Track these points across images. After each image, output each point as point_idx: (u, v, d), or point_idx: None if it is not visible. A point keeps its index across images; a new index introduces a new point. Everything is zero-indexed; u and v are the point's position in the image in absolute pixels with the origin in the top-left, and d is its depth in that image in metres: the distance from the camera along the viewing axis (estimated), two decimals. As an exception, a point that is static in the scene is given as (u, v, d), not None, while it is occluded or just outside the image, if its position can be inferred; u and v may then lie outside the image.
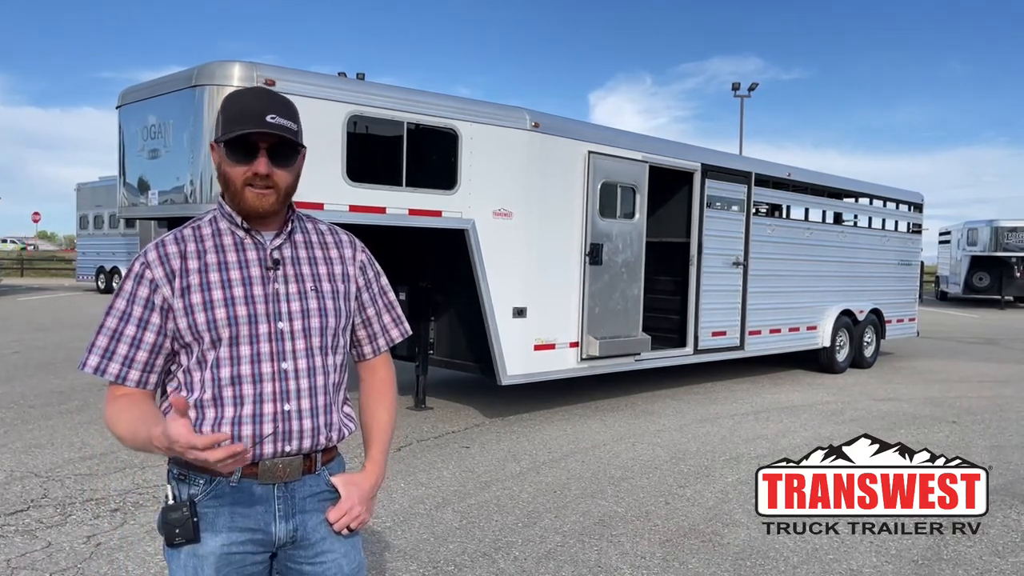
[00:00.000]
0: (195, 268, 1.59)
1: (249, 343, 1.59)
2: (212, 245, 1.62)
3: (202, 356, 1.58)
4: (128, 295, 1.58)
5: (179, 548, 1.58)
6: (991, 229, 23.59)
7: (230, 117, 1.57)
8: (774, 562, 3.81)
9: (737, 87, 27.93)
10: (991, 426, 6.97)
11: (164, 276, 1.58)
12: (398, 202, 5.78)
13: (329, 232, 1.78)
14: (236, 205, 1.61)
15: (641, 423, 6.80)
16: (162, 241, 1.62)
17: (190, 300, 1.57)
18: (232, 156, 1.57)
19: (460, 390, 7.93)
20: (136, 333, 1.57)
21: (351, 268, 1.75)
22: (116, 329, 1.58)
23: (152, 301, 1.57)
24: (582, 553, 3.87)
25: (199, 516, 1.58)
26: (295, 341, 1.63)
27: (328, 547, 1.68)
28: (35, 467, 5.03)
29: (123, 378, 1.58)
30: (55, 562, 3.58)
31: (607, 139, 7.18)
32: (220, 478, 1.58)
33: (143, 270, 1.58)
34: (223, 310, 1.57)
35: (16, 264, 35.32)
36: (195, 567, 1.57)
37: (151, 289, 1.57)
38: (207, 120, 5.22)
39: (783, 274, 9.17)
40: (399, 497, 4.62)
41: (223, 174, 1.60)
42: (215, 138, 1.60)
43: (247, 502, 1.60)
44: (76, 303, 18.67)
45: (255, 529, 1.61)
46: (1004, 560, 3.91)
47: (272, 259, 1.64)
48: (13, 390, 7.51)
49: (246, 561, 1.61)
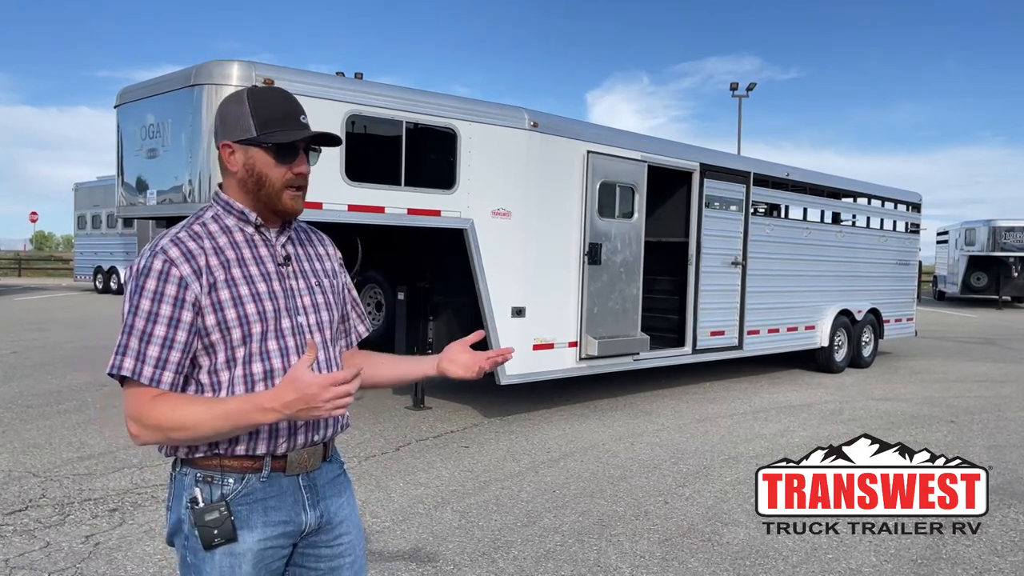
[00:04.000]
0: (217, 264, 1.57)
1: (275, 338, 1.60)
2: (227, 242, 1.61)
3: (232, 355, 1.57)
4: (154, 294, 1.51)
5: (214, 550, 1.56)
6: (989, 229, 23.62)
7: (268, 118, 1.57)
8: (773, 561, 3.81)
9: (735, 87, 27.92)
10: (989, 426, 6.98)
11: (192, 272, 1.53)
12: (397, 202, 5.78)
13: (310, 230, 1.83)
14: (269, 206, 1.62)
15: (640, 423, 6.80)
16: (178, 238, 1.56)
17: (218, 296, 1.55)
18: (278, 158, 1.58)
19: (459, 390, 7.92)
20: (167, 333, 1.51)
21: (335, 264, 1.82)
22: (144, 330, 1.51)
23: (182, 298, 1.52)
24: (581, 553, 3.87)
25: (234, 514, 1.57)
26: (312, 334, 1.66)
27: (345, 529, 1.73)
28: (33, 467, 5.02)
29: (157, 380, 1.51)
30: (54, 562, 3.57)
31: (606, 139, 7.18)
32: (250, 475, 1.59)
33: (167, 267, 1.52)
34: (252, 305, 1.58)
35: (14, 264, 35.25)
36: (232, 566, 1.56)
37: (180, 286, 1.52)
38: (206, 119, 5.21)
39: (781, 274, 9.18)
40: (398, 497, 4.62)
41: (260, 175, 1.59)
42: (243, 138, 1.58)
43: (277, 495, 1.62)
44: (74, 303, 18.64)
45: (287, 521, 1.63)
46: (1003, 559, 3.92)
47: (283, 255, 1.67)
48: (11, 390, 7.49)
49: (276, 556, 1.63)
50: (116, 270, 20.91)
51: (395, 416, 6.70)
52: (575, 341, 6.86)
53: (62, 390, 7.52)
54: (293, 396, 1.44)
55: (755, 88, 28.18)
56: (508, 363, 6.49)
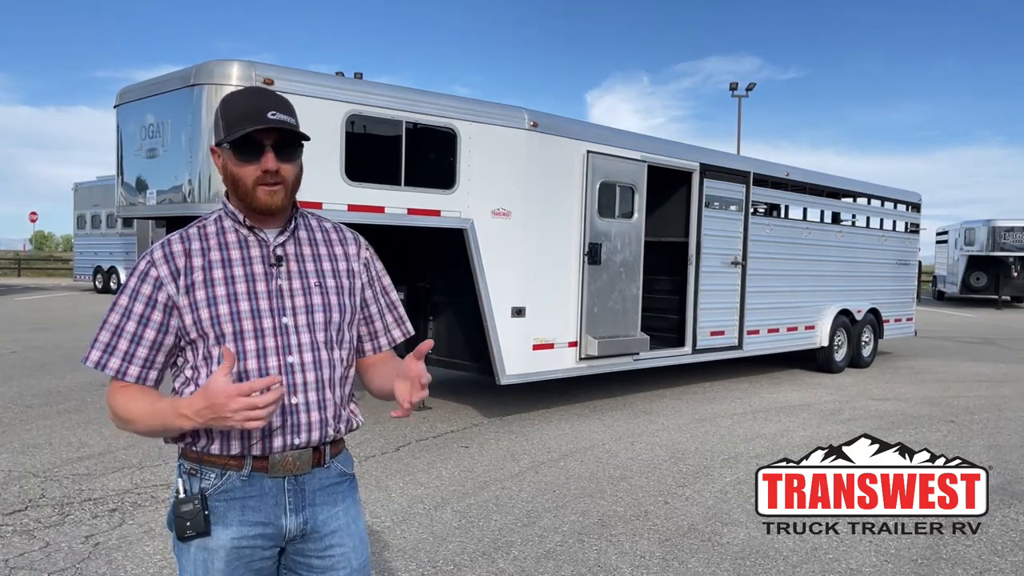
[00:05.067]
0: (199, 266, 1.61)
1: (254, 338, 1.60)
2: (216, 243, 1.65)
3: (208, 352, 1.60)
4: (131, 292, 1.61)
5: (189, 542, 1.59)
6: (988, 229, 23.61)
7: (231, 119, 1.59)
8: (773, 561, 3.81)
9: (735, 87, 27.91)
10: (989, 425, 6.98)
11: (169, 274, 1.60)
12: (397, 201, 5.78)
13: (334, 230, 1.81)
14: (247, 205, 1.63)
15: (640, 423, 6.80)
16: (168, 240, 1.64)
17: (194, 297, 1.59)
18: (240, 156, 1.59)
19: (459, 390, 7.92)
20: (137, 329, 1.60)
21: (356, 264, 1.77)
22: (118, 325, 1.60)
23: (155, 299, 1.60)
24: (581, 552, 3.87)
25: (210, 509, 1.59)
26: (300, 335, 1.64)
27: (338, 541, 1.69)
28: (33, 467, 5.02)
29: (123, 373, 1.60)
30: (53, 562, 3.57)
31: (606, 138, 7.18)
32: (230, 472, 1.60)
33: (148, 268, 1.61)
34: (226, 306, 1.60)
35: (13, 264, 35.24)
36: (205, 560, 1.59)
37: (155, 287, 1.60)
38: (205, 119, 5.21)
39: (781, 274, 9.17)
40: (398, 497, 4.62)
41: (231, 176, 1.62)
42: (216, 141, 1.62)
43: (257, 495, 1.62)
44: (74, 303, 18.64)
45: (265, 523, 1.62)
46: (1003, 559, 3.92)
47: (275, 256, 1.66)
48: (11, 390, 7.49)
49: (255, 556, 1.62)
50: (116, 270, 20.89)
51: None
52: (575, 341, 6.86)
53: (62, 390, 7.52)
54: (203, 404, 1.47)
55: (755, 88, 28.20)
56: (508, 363, 6.56)
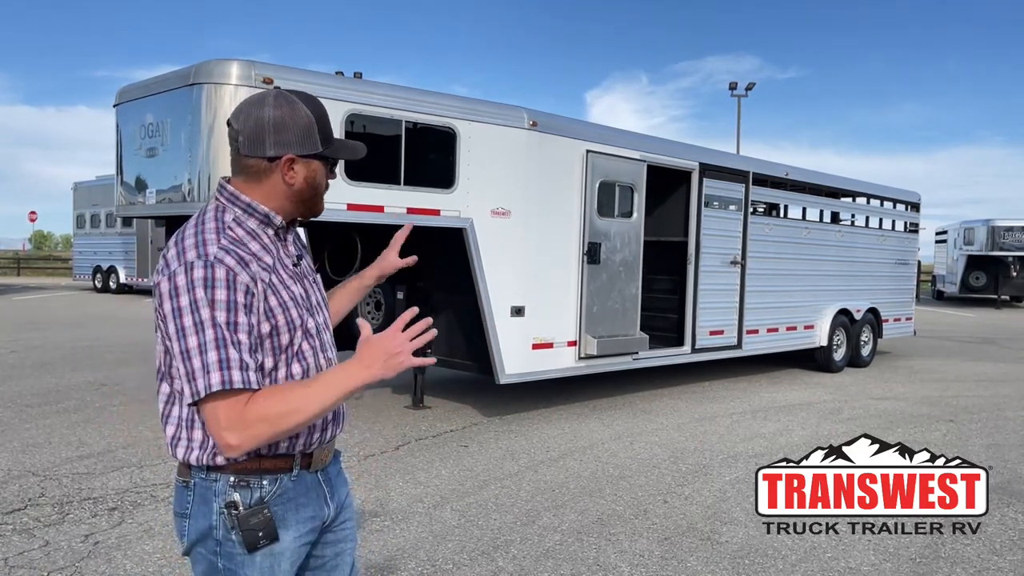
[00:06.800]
0: (259, 270, 1.54)
1: (306, 338, 1.64)
2: (259, 247, 1.58)
3: (277, 357, 1.58)
4: (228, 304, 1.47)
5: (256, 552, 1.58)
6: (987, 229, 23.62)
7: (327, 134, 1.64)
8: (772, 560, 3.82)
9: (734, 87, 27.94)
10: (988, 425, 6.99)
11: (251, 279, 1.51)
12: (396, 201, 5.78)
13: None
14: (311, 211, 1.67)
15: (639, 422, 6.80)
16: (224, 246, 1.52)
17: (269, 304, 1.55)
18: (330, 171, 1.68)
19: (458, 389, 7.92)
20: (248, 340, 1.49)
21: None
22: (230, 340, 1.46)
23: (249, 305, 1.50)
24: (580, 551, 3.87)
25: (272, 516, 1.61)
26: (328, 332, 1.73)
27: (348, 515, 1.81)
28: (33, 466, 5.02)
29: (249, 383, 1.46)
30: (53, 561, 3.57)
31: (605, 138, 7.18)
32: (281, 475, 1.61)
33: (232, 276, 1.48)
34: (294, 309, 1.61)
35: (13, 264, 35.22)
36: (272, 566, 1.60)
37: (247, 293, 1.50)
38: (205, 118, 5.21)
39: (781, 273, 9.18)
40: (397, 496, 4.62)
41: (316, 185, 1.65)
42: (315, 153, 1.61)
43: (305, 492, 1.66)
44: (73, 302, 18.63)
45: (314, 517, 1.68)
46: (1002, 558, 3.92)
47: (295, 255, 1.69)
48: (10, 389, 7.49)
49: (306, 551, 1.69)
50: (115, 269, 20.86)
51: (394, 415, 6.70)
52: (574, 340, 6.86)
53: (62, 389, 7.52)
54: (378, 351, 1.49)
55: (754, 88, 28.24)
56: (507, 362, 6.56)
